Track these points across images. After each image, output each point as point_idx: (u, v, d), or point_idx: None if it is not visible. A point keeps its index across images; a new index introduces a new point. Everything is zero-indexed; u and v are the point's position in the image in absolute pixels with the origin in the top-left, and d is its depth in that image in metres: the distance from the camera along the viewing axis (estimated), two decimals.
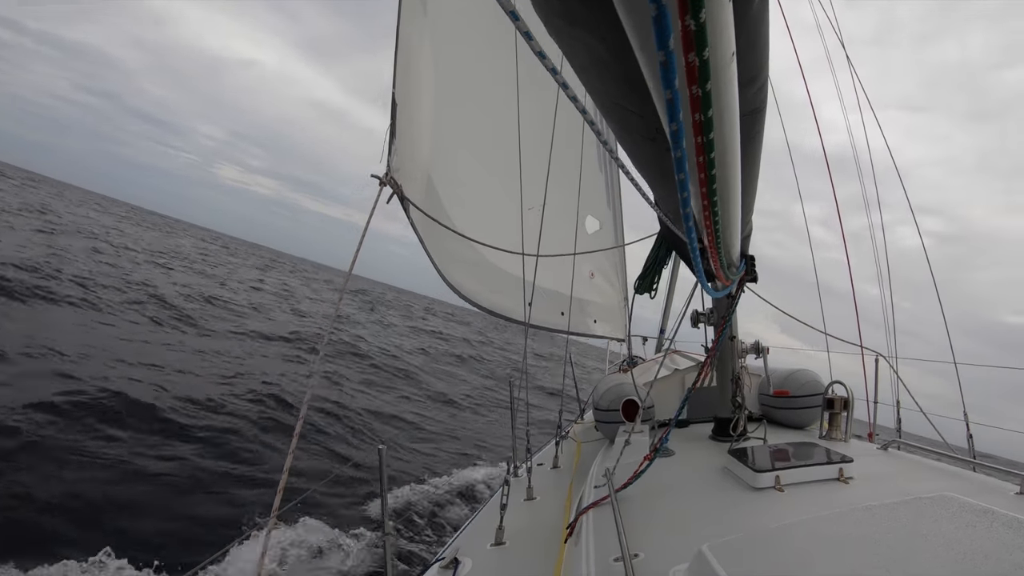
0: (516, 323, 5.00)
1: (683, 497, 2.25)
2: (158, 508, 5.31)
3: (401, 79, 3.26)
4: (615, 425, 3.35)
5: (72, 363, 8.08)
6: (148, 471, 5.84)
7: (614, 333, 7.98)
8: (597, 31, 1.23)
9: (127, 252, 24.13)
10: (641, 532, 1.86)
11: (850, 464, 2.20)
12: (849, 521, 1.49)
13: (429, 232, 3.76)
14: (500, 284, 4.86)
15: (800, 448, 2.50)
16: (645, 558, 1.66)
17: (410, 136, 3.49)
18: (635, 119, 1.58)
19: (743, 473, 2.25)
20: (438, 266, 4.10)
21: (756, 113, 1.58)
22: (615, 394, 3.50)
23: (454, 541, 2.95)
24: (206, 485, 5.99)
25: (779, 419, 3.58)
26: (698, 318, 3.61)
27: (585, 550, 1.83)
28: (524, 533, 2.73)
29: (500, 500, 2.65)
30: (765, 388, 3.67)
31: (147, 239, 35.67)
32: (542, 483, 3.55)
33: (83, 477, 5.38)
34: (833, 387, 3.09)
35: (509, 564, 2.45)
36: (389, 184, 2.85)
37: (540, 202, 3.90)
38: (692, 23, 0.68)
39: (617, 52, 1.26)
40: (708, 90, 0.82)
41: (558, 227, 4.95)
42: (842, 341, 4.06)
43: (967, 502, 1.45)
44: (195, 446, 6.75)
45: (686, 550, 1.50)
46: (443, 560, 2.50)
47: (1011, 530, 1.26)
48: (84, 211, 46.09)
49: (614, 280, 7.98)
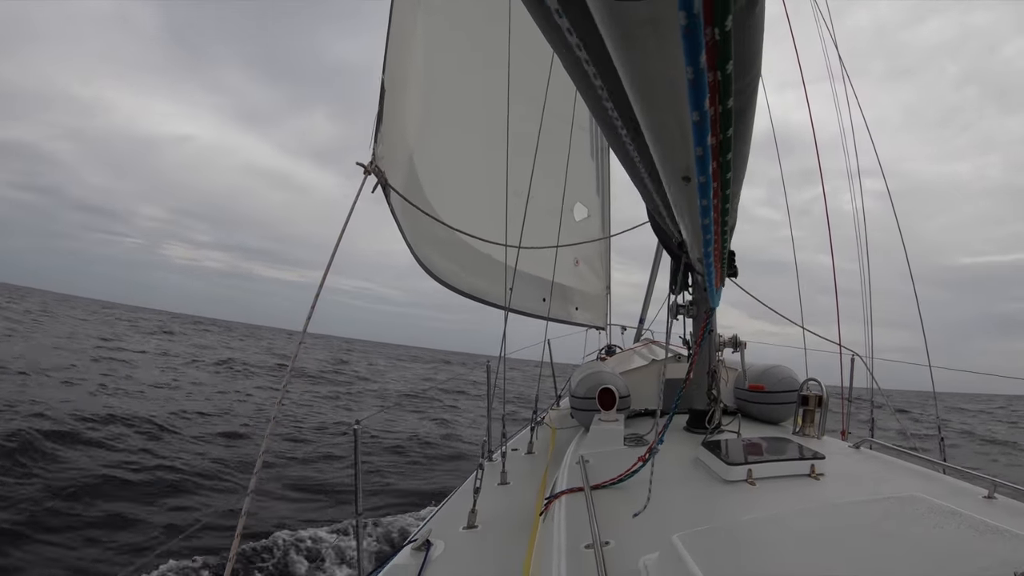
0: (495, 307, 4.97)
1: (656, 487, 2.26)
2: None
3: (391, 65, 3.19)
4: (590, 413, 3.35)
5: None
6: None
7: (595, 321, 8.00)
8: (575, 40, 1.19)
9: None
10: (613, 520, 1.86)
11: (822, 461, 2.21)
12: (819, 517, 1.50)
13: (409, 218, 3.72)
14: (479, 267, 4.81)
15: (773, 443, 2.52)
16: (616, 546, 1.65)
17: (397, 123, 3.43)
18: (623, 124, 1.55)
19: (716, 466, 2.26)
20: (415, 251, 4.06)
21: (742, 113, 1.54)
22: (592, 382, 3.50)
23: (426, 524, 2.94)
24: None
25: (754, 414, 3.61)
26: (677, 310, 3.61)
27: (557, 536, 1.83)
28: (497, 517, 2.72)
29: (474, 484, 2.64)
30: (741, 382, 3.70)
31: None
32: (516, 468, 3.54)
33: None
34: (808, 384, 3.12)
35: (481, 547, 2.44)
36: (373, 172, 2.80)
37: (526, 188, 3.85)
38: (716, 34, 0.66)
39: (599, 60, 1.23)
40: (729, 107, 0.80)
41: (545, 213, 4.90)
42: (820, 337, 4.10)
43: (936, 503, 1.46)
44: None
45: (657, 540, 1.50)
46: (415, 542, 2.49)
47: (978, 533, 1.26)
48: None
49: (598, 268, 7.97)
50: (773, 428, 3.39)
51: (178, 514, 5.82)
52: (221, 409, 11.84)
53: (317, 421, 11.84)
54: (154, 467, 7.12)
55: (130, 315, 68.99)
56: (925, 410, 20.76)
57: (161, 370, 17.22)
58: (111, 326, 37.98)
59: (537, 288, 5.84)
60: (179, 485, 6.70)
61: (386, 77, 3.10)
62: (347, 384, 21.08)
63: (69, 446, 7.43)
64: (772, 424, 3.51)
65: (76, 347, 19.96)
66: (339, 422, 11.84)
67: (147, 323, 50.69)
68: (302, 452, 8.70)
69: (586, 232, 7.12)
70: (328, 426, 11.39)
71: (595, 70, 1.24)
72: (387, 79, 3.10)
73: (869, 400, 4.01)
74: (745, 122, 1.58)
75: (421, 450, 10.14)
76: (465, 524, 2.63)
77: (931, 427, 8.61)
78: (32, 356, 14.96)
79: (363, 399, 17.32)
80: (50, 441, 7.33)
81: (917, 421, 17.63)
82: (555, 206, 5.19)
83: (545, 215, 4.91)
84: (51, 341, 20.86)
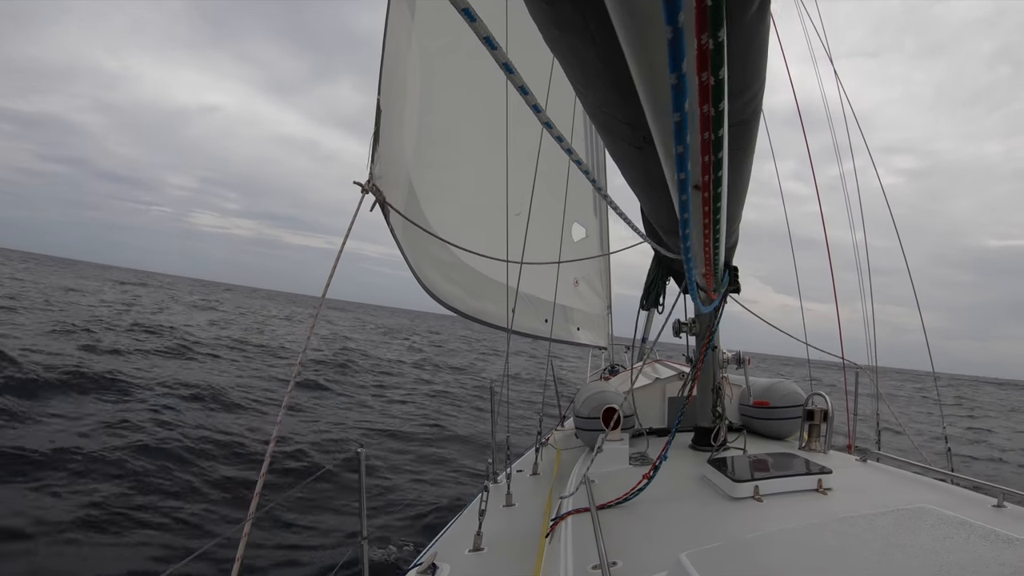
0: (498, 329, 4.98)
1: (662, 506, 2.24)
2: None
3: (387, 85, 3.23)
4: (595, 433, 3.34)
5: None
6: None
7: (597, 341, 7.98)
8: (588, 36, 1.22)
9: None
10: (619, 540, 1.84)
11: (829, 475, 2.20)
12: (827, 532, 1.49)
13: (409, 238, 3.73)
14: (482, 290, 4.82)
15: (779, 459, 2.51)
16: (623, 566, 1.64)
17: (394, 142, 3.46)
18: (624, 128, 1.58)
19: (722, 483, 2.25)
20: (416, 272, 4.06)
21: (746, 124, 1.56)
22: (596, 402, 3.49)
23: (432, 546, 2.91)
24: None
25: (759, 429, 3.59)
26: (680, 327, 3.61)
27: (563, 557, 1.81)
28: (502, 539, 2.69)
29: (479, 506, 2.62)
30: (745, 398, 3.68)
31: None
32: (521, 490, 3.51)
33: None
34: (813, 398, 3.11)
35: (487, 570, 2.41)
36: (371, 191, 2.82)
37: (526, 208, 3.88)
38: (709, 42, 0.67)
39: (609, 62, 1.26)
40: (721, 110, 0.81)
41: (544, 234, 4.93)
42: (823, 352, 4.10)
43: (945, 514, 1.45)
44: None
45: (664, 559, 1.49)
46: (421, 565, 2.46)
47: (988, 543, 1.26)
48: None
49: (599, 288, 7.98)
50: (779, 444, 3.37)
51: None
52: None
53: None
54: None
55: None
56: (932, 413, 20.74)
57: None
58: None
59: (538, 308, 5.85)
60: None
61: (381, 98, 3.13)
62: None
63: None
64: (778, 440, 3.49)
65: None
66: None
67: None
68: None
69: (585, 252, 7.15)
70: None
71: (606, 68, 1.26)
72: (383, 99, 3.14)
73: (875, 412, 4.00)
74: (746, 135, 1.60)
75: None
76: (471, 547, 2.60)
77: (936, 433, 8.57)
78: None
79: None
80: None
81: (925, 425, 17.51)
82: (554, 225, 5.22)
83: (544, 235, 4.94)
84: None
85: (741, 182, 1.93)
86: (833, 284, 4.20)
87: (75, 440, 7.10)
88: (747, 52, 1.23)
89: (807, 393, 3.23)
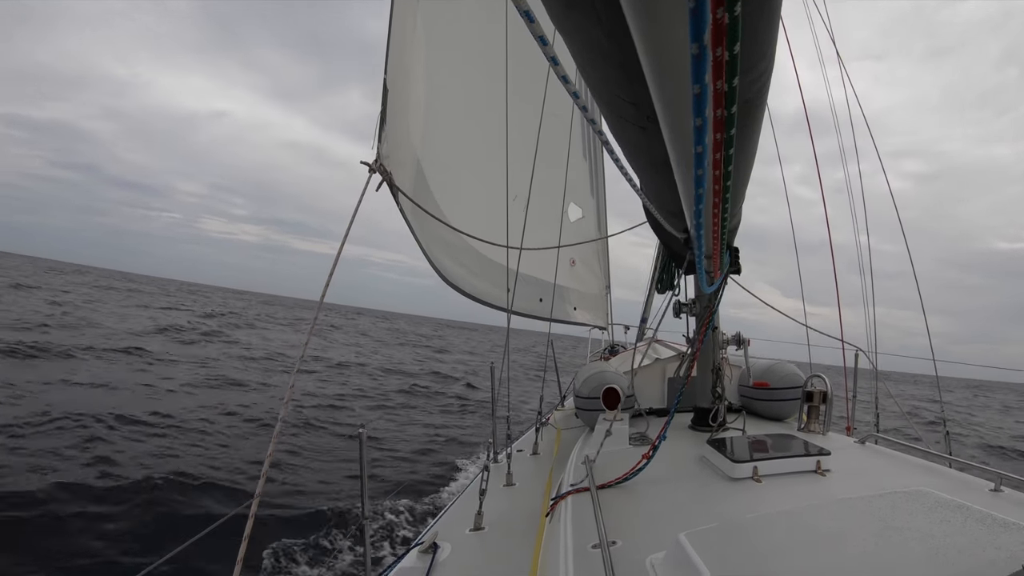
0: (497, 309, 4.98)
1: (661, 485, 2.26)
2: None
3: (393, 65, 3.19)
4: (595, 413, 3.36)
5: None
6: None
7: (595, 321, 7.99)
8: (593, 14, 1.21)
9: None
10: (619, 519, 1.86)
11: (828, 457, 2.22)
12: (825, 513, 1.50)
13: (419, 218, 3.71)
14: (482, 269, 4.82)
15: (778, 440, 2.52)
16: (623, 545, 1.66)
17: (401, 122, 3.42)
18: (628, 107, 1.56)
19: (721, 463, 2.27)
20: (426, 251, 4.06)
21: (751, 103, 1.54)
22: (596, 382, 3.50)
23: (433, 526, 2.94)
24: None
25: (758, 410, 3.61)
26: (680, 308, 3.61)
27: (563, 536, 1.83)
28: (503, 519, 2.72)
29: (480, 486, 2.64)
30: (745, 379, 3.70)
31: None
32: (522, 470, 3.54)
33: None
34: (812, 380, 3.12)
35: (488, 549, 2.44)
36: (379, 171, 2.79)
37: (526, 190, 3.86)
38: (725, 16, 0.66)
39: (615, 39, 1.25)
40: (734, 86, 0.80)
41: (542, 215, 4.90)
42: (823, 334, 4.11)
43: (942, 497, 1.46)
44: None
45: (663, 538, 1.50)
46: (422, 544, 2.49)
47: (984, 526, 1.27)
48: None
49: (595, 268, 7.97)
50: (778, 425, 3.40)
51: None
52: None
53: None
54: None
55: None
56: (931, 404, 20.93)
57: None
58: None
59: (535, 289, 5.83)
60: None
61: (388, 77, 3.10)
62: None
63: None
64: (777, 421, 3.52)
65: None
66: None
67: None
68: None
69: (582, 232, 7.11)
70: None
71: (611, 46, 1.25)
72: (389, 79, 3.10)
73: (873, 395, 4.02)
74: (753, 112, 1.58)
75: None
76: (471, 526, 2.63)
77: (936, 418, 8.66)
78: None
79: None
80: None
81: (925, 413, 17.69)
82: (552, 207, 5.19)
83: (542, 217, 4.91)
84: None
85: (746, 162, 1.92)
86: (833, 266, 4.20)
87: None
88: (757, 27, 1.22)
89: (807, 375, 3.25)
